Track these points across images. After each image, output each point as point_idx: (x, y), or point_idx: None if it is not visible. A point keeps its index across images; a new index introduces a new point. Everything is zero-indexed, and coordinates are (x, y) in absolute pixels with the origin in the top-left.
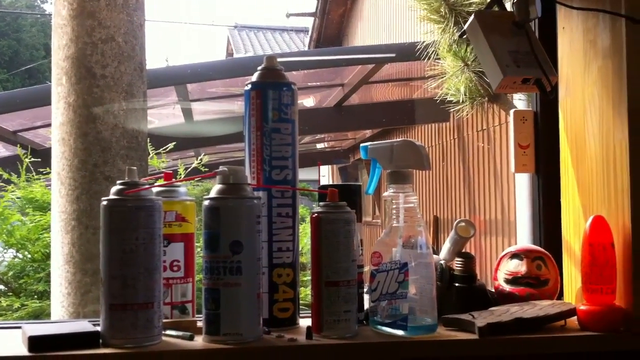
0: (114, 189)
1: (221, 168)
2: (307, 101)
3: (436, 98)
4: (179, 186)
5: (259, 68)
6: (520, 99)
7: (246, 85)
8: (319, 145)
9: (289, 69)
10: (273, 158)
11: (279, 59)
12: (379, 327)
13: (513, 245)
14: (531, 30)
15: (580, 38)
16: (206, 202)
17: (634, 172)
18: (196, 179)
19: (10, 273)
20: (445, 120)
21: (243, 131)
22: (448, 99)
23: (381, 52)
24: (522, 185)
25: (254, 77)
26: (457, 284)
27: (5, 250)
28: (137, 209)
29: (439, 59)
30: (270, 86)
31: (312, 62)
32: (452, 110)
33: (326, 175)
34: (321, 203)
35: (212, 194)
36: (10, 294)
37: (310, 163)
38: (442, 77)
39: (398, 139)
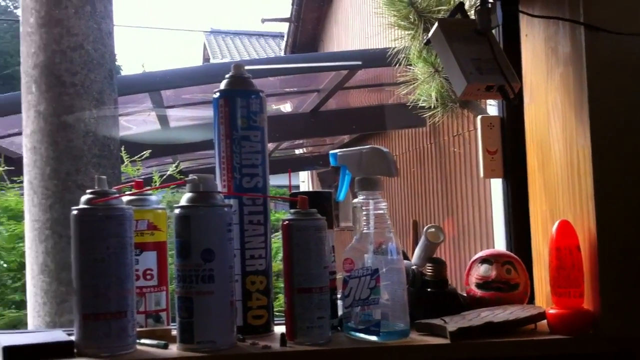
0: (83, 198)
1: (191, 176)
2: (284, 107)
3: (409, 104)
4: (150, 194)
5: (227, 76)
6: (491, 105)
7: (214, 93)
8: (297, 151)
9: (262, 76)
10: (243, 166)
11: (249, 67)
12: (353, 333)
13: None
14: (493, 37)
15: (542, 45)
16: (177, 211)
17: (597, 176)
18: (171, 187)
19: None
20: (422, 126)
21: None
22: (420, 104)
23: (350, 58)
24: (497, 190)
25: (222, 85)
26: (428, 289)
27: None
28: (107, 218)
29: (410, 64)
30: (238, 94)
31: (280, 69)
32: (424, 115)
33: (306, 180)
34: (292, 210)
35: (182, 202)
36: None
37: (290, 169)
38: (414, 83)
39: (366, 146)
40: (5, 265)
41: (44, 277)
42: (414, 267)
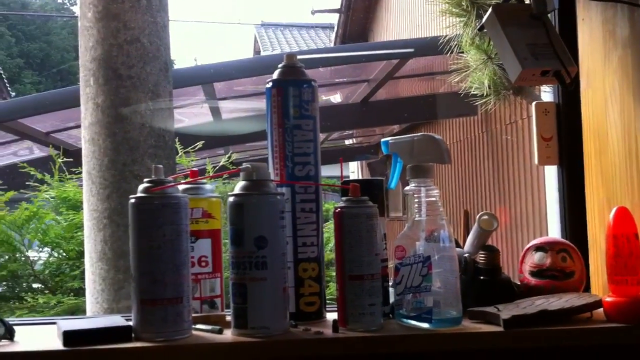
0: (140, 187)
1: (244, 165)
2: (334, 97)
3: (460, 92)
4: (204, 183)
5: (279, 66)
6: (545, 92)
7: (267, 83)
8: (347, 142)
9: (312, 67)
10: (295, 154)
11: (300, 57)
12: (405, 320)
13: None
14: (549, 21)
15: (600, 28)
16: (230, 199)
17: None
18: (224, 177)
19: (47, 271)
20: (473, 114)
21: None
22: (472, 92)
23: (401, 47)
24: (551, 177)
25: (275, 75)
26: (481, 277)
27: (41, 249)
28: (163, 206)
29: (462, 52)
30: (290, 83)
31: (330, 59)
32: (476, 103)
33: (355, 171)
34: (343, 198)
35: (236, 190)
36: (47, 291)
37: (344, 159)
38: (466, 71)
39: (418, 134)
40: (64, 253)
41: (102, 264)
42: (466, 254)
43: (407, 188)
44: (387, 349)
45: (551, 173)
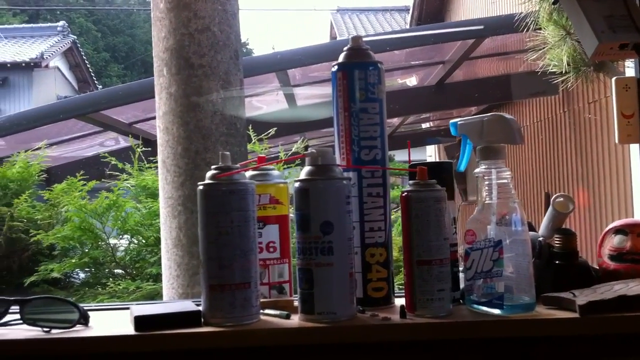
0: (208, 173)
1: (310, 150)
2: (410, 80)
3: (537, 70)
4: (272, 169)
5: (345, 49)
6: (629, 67)
7: (332, 66)
8: (423, 125)
9: (386, 50)
10: (361, 138)
11: (373, 38)
12: (475, 306)
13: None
14: None
15: None
16: (296, 184)
17: None
18: (296, 163)
19: (127, 258)
20: (553, 93)
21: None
22: (551, 70)
23: (475, 26)
24: (637, 157)
25: (340, 58)
26: (556, 262)
27: (121, 237)
28: (230, 193)
29: (539, 29)
30: (356, 66)
31: (402, 40)
32: (556, 82)
33: (433, 155)
34: (410, 182)
35: (302, 175)
36: (128, 277)
37: (410, 141)
38: (544, 48)
39: (488, 114)
40: (143, 240)
41: (177, 251)
42: (540, 238)
43: (476, 170)
44: (457, 335)
45: (637, 152)
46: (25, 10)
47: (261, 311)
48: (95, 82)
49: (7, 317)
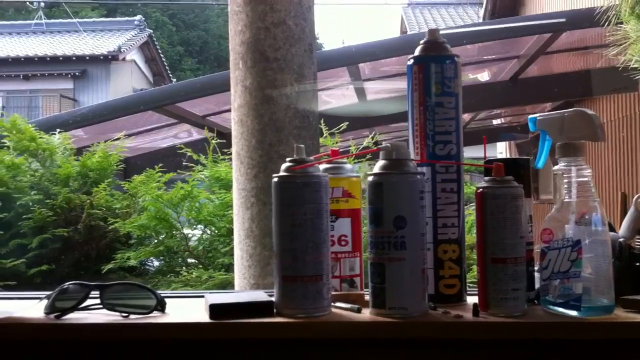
0: (283, 166)
1: (384, 144)
2: (482, 76)
3: (618, 66)
4: (345, 163)
5: (421, 42)
6: None
7: (408, 60)
8: (495, 121)
9: (458, 44)
10: (436, 133)
11: (446, 32)
12: (551, 306)
13: None
14: None
15: None
16: (370, 178)
17: None
18: (367, 158)
19: (200, 247)
20: (633, 90)
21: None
22: (632, 65)
23: (553, 19)
24: None
25: (416, 51)
26: (637, 263)
27: (194, 227)
28: (304, 185)
29: (620, 23)
30: (432, 59)
31: (476, 34)
32: (637, 78)
33: (504, 152)
34: (486, 178)
35: (376, 169)
36: (200, 266)
37: (488, 140)
38: (625, 43)
39: (569, 110)
40: (216, 231)
41: (249, 241)
42: (621, 239)
43: (556, 167)
44: (531, 335)
45: None
46: (104, 4)
47: (332, 304)
48: (170, 75)
49: (88, 302)
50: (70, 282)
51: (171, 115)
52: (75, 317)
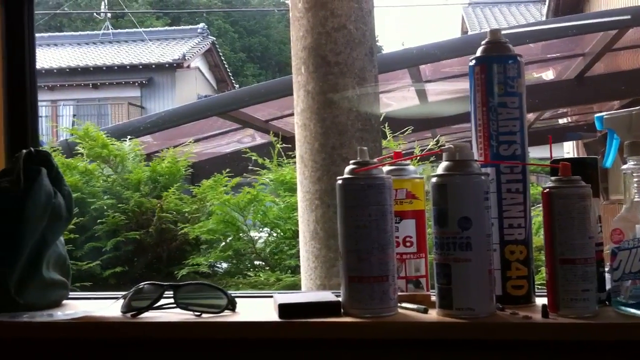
0: (347, 168)
1: (447, 145)
2: (546, 74)
3: None
4: (408, 164)
5: (483, 42)
6: None
7: (470, 60)
8: (561, 121)
9: (520, 43)
10: (500, 133)
11: (508, 32)
12: (622, 308)
13: None
14: None
15: None
16: (433, 179)
17: None
18: (431, 161)
19: (267, 250)
20: None
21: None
22: None
23: (619, 15)
24: None
25: (478, 52)
26: None
27: (261, 229)
28: (368, 187)
29: None
30: (494, 60)
31: (539, 33)
32: None
33: (571, 152)
34: (553, 178)
35: (439, 171)
36: (267, 268)
37: (554, 139)
38: None
39: (637, 107)
40: (282, 233)
41: (315, 243)
42: None
43: (625, 167)
44: (603, 337)
45: None
46: (168, 13)
47: (398, 304)
48: (233, 81)
49: (162, 301)
50: (145, 282)
51: (235, 121)
52: (150, 315)
